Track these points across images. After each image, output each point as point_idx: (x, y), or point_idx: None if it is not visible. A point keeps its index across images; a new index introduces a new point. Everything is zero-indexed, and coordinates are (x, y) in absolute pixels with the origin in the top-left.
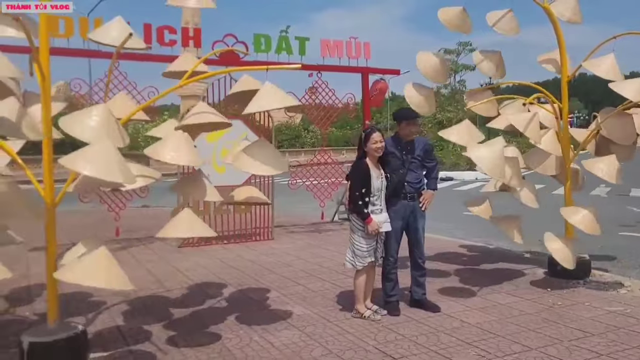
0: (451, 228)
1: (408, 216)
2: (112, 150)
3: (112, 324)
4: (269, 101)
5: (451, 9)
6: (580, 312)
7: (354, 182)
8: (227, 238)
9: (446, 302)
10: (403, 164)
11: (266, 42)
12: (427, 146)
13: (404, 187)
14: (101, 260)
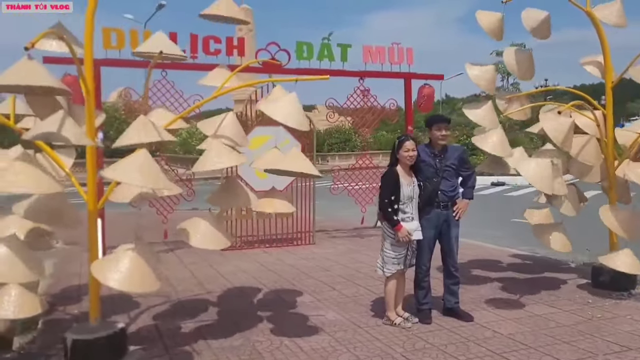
0: (499, 236)
1: (441, 225)
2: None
3: (152, 323)
4: (284, 116)
5: (491, 14)
6: (620, 325)
7: (383, 190)
8: (269, 242)
9: (480, 311)
10: (437, 172)
11: (308, 49)
12: (462, 154)
13: (438, 196)
14: (133, 265)
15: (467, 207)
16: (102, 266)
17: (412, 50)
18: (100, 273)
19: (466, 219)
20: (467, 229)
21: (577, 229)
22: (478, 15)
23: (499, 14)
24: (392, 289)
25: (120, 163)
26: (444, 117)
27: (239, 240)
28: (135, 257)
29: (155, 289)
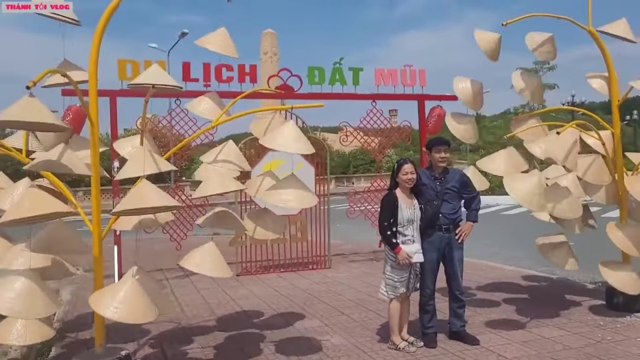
0: (519, 256)
1: (444, 248)
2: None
3: (159, 349)
4: (281, 144)
5: (489, 34)
6: (629, 348)
7: (382, 213)
8: (285, 267)
9: (488, 334)
10: (437, 195)
11: (320, 74)
12: (463, 177)
13: (439, 219)
14: (130, 296)
15: (472, 229)
16: (100, 297)
17: (425, 71)
18: (97, 304)
19: (487, 240)
20: (487, 249)
21: (598, 249)
22: (476, 35)
23: (497, 35)
24: (395, 313)
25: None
26: (444, 140)
27: (255, 265)
28: (133, 287)
29: (152, 318)
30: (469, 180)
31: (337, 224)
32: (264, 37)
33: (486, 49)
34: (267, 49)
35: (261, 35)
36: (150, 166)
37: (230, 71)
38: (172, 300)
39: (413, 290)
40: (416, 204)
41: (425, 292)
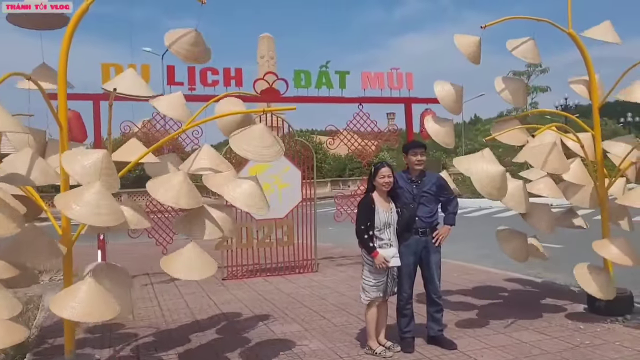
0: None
1: (421, 251)
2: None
3: (134, 354)
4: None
5: (469, 37)
6: (607, 352)
7: (359, 216)
8: (271, 271)
9: (467, 338)
10: (413, 198)
11: (306, 77)
12: (439, 181)
13: (415, 222)
14: (88, 295)
15: (448, 233)
16: (61, 298)
17: (412, 75)
18: (56, 305)
19: (479, 242)
20: (478, 252)
21: (579, 251)
22: (456, 39)
23: (476, 38)
24: (372, 317)
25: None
26: (420, 143)
27: (241, 270)
28: (91, 286)
29: (111, 317)
30: (446, 184)
31: (329, 227)
32: (261, 41)
33: (467, 53)
34: (263, 52)
35: (258, 39)
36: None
37: (215, 75)
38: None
39: (390, 295)
40: (393, 208)
41: (403, 297)
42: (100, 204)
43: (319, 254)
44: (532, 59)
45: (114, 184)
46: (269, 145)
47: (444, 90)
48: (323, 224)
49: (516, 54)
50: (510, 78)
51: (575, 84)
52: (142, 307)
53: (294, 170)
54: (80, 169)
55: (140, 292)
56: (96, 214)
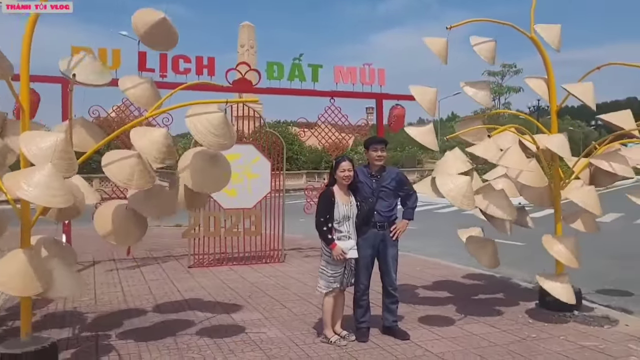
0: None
1: (378, 244)
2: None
3: (93, 338)
4: (202, 135)
5: (437, 39)
6: (551, 345)
7: (319, 208)
8: (238, 260)
9: (420, 330)
10: (373, 192)
11: (279, 69)
12: (399, 176)
13: (374, 216)
14: (16, 269)
15: (406, 227)
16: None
17: (384, 70)
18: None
19: (444, 238)
20: (445, 248)
21: (540, 249)
22: (426, 41)
23: (444, 39)
24: (329, 307)
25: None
26: (380, 139)
27: (207, 258)
28: (20, 260)
29: (32, 294)
30: (405, 179)
31: (300, 219)
32: (242, 30)
33: (439, 53)
34: (244, 41)
35: (238, 28)
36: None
37: (187, 63)
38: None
39: (347, 286)
40: (353, 201)
41: (359, 288)
42: (51, 185)
43: (288, 245)
44: (487, 58)
45: (69, 168)
46: (218, 135)
47: (420, 94)
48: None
49: (476, 50)
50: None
51: (533, 84)
52: (105, 292)
53: (264, 161)
54: (36, 150)
55: (105, 278)
56: (47, 195)
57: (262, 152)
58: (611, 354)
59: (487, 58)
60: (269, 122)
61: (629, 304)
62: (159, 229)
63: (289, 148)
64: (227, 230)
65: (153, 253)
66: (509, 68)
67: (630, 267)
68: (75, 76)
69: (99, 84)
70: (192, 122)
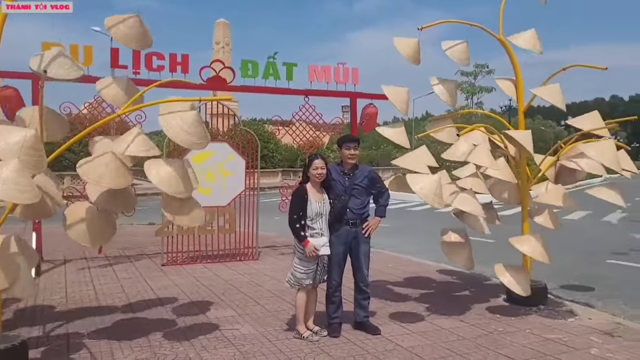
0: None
1: (350, 242)
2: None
3: (64, 336)
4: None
5: (408, 40)
6: (517, 338)
7: (292, 206)
8: (212, 258)
9: (391, 325)
10: (345, 190)
11: (253, 67)
12: (371, 174)
13: (347, 213)
14: None
15: (378, 224)
16: None
17: (358, 70)
18: None
19: (418, 235)
20: (418, 245)
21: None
22: (396, 42)
23: (415, 40)
24: (301, 303)
25: None
26: (353, 137)
27: (181, 256)
28: None
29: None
30: (377, 177)
31: (275, 217)
32: (217, 27)
33: (407, 54)
34: (219, 39)
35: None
36: None
37: (161, 60)
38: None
39: (320, 282)
40: (326, 199)
41: (332, 284)
42: (18, 181)
43: (263, 243)
44: (461, 60)
45: (38, 165)
46: (191, 133)
47: (393, 94)
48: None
49: (449, 54)
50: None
51: (503, 84)
52: (76, 291)
53: (238, 159)
54: (3, 145)
55: (76, 276)
56: (14, 191)
57: (237, 150)
58: (574, 346)
59: (460, 60)
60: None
61: (592, 299)
62: (132, 228)
63: (264, 146)
64: (201, 228)
65: (126, 251)
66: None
67: (595, 263)
68: (47, 72)
69: (69, 79)
70: (165, 120)
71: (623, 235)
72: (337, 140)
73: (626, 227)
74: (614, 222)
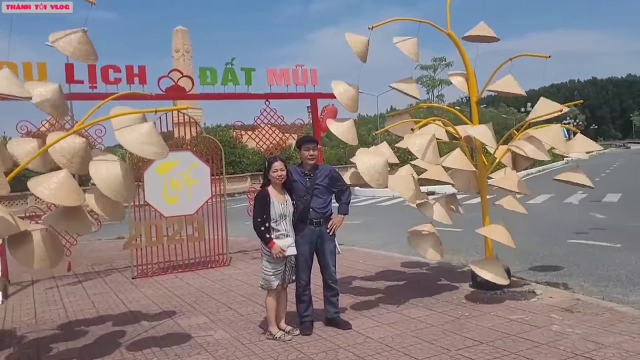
0: None
1: (316, 240)
2: None
3: (35, 356)
4: (134, 146)
5: (359, 37)
6: (482, 322)
7: (255, 209)
8: (183, 267)
9: (361, 318)
10: (307, 190)
11: (212, 74)
12: (332, 173)
13: (310, 213)
14: None
15: (342, 222)
16: None
17: (316, 71)
18: None
19: (388, 230)
20: (388, 239)
21: (475, 234)
22: (347, 37)
23: (365, 38)
24: (272, 304)
25: None
26: (312, 138)
27: (152, 268)
28: None
29: None
30: (338, 175)
31: (246, 222)
32: (175, 35)
33: (357, 51)
34: (178, 46)
35: (172, 33)
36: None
37: (117, 72)
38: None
39: (289, 283)
40: (288, 200)
41: (300, 283)
42: None
43: (233, 248)
44: (411, 54)
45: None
46: (151, 143)
47: (341, 91)
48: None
49: (400, 47)
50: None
51: (453, 78)
52: (46, 311)
53: (202, 167)
54: None
55: (45, 296)
56: None
57: (201, 157)
58: (536, 324)
59: (411, 54)
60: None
61: (554, 278)
62: (99, 243)
63: (231, 152)
64: (169, 238)
65: (95, 267)
66: (439, 62)
67: (557, 244)
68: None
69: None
70: (121, 135)
71: (584, 215)
72: (296, 142)
73: (587, 207)
74: (575, 203)
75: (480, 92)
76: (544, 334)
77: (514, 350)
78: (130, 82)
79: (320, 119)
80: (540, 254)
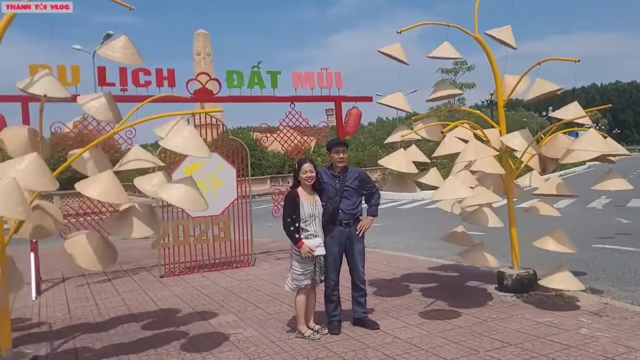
0: (435, 247)
1: (345, 241)
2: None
3: (72, 351)
4: (186, 146)
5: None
6: (509, 324)
7: (285, 210)
8: (209, 267)
9: (389, 319)
10: (336, 192)
11: (238, 78)
12: (361, 175)
13: (339, 214)
14: None
15: (371, 224)
16: None
17: (341, 74)
18: None
19: (410, 233)
20: (411, 242)
21: (493, 236)
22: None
23: (398, 44)
24: (301, 304)
25: None
26: (342, 141)
27: (178, 267)
28: None
29: None
30: (367, 177)
31: (268, 223)
32: (197, 38)
33: (398, 56)
34: (200, 50)
35: (193, 37)
36: None
37: (147, 75)
38: None
39: (318, 283)
40: (318, 201)
41: (329, 284)
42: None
43: (257, 249)
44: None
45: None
46: (197, 140)
47: (393, 102)
48: (262, 219)
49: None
50: None
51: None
52: (79, 307)
53: (229, 168)
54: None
55: (76, 293)
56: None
57: (226, 159)
58: (564, 327)
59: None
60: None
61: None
62: (124, 242)
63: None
64: (196, 238)
65: (123, 266)
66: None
67: (583, 248)
68: (46, 95)
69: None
70: (169, 141)
71: (608, 220)
72: (326, 144)
73: (611, 212)
74: (599, 208)
75: (507, 97)
76: (573, 337)
77: (543, 352)
78: (160, 85)
79: (347, 123)
80: (564, 258)
